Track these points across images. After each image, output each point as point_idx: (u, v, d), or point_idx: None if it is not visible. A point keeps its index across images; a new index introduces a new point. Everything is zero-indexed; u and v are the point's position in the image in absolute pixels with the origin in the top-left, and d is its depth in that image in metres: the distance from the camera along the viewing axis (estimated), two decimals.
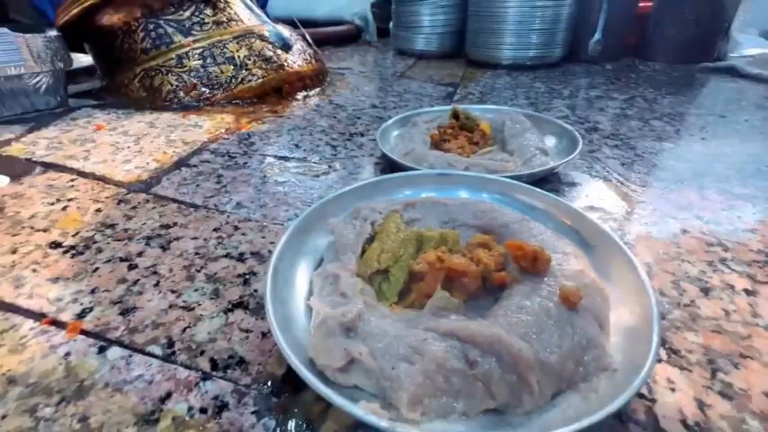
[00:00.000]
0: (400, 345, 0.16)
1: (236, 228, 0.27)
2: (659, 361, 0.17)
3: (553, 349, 0.16)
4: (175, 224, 0.27)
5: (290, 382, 0.17)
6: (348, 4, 1.10)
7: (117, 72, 0.49)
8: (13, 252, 0.24)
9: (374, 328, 0.16)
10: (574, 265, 0.19)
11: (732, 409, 0.15)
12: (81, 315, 0.20)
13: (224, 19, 0.51)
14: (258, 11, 0.54)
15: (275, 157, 0.37)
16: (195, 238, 0.26)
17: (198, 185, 0.32)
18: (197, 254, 0.24)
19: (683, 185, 0.32)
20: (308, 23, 0.98)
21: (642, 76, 0.71)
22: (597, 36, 0.78)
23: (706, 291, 0.21)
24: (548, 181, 0.33)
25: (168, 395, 0.16)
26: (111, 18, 0.48)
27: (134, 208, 0.29)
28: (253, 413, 0.16)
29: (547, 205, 0.25)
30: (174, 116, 0.45)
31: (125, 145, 0.38)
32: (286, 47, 0.53)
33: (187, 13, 0.49)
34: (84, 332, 0.19)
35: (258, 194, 0.31)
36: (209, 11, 0.51)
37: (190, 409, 0.16)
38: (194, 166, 0.35)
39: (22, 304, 0.21)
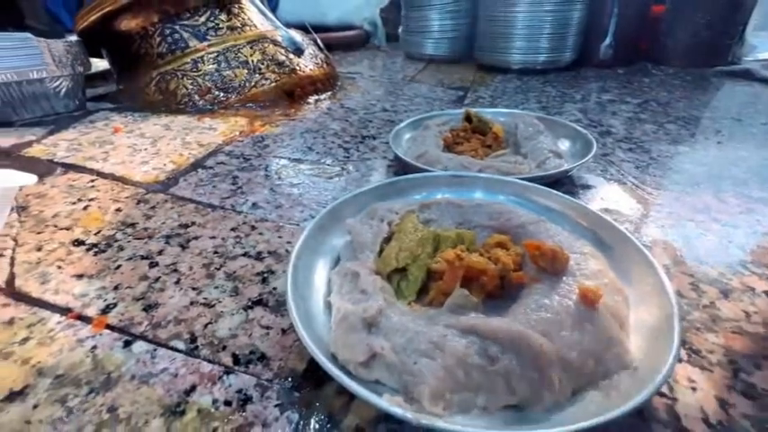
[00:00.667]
0: (421, 340, 0.16)
1: (253, 227, 0.28)
2: (680, 361, 0.18)
3: (574, 346, 0.16)
4: (194, 224, 0.28)
5: (312, 378, 0.17)
6: (358, 9, 1.12)
7: (133, 76, 0.51)
8: (39, 249, 0.25)
9: (395, 324, 0.17)
10: (592, 265, 0.20)
11: (755, 408, 0.16)
12: (105, 310, 0.21)
13: (238, 24, 0.53)
14: (271, 16, 0.56)
15: (289, 159, 0.38)
16: (213, 237, 0.27)
17: (214, 186, 0.33)
18: (216, 252, 0.25)
19: (700, 188, 0.33)
20: (319, 28, 1.00)
21: (655, 80, 0.71)
22: (608, 40, 0.78)
23: (726, 293, 0.22)
24: (562, 184, 0.33)
25: (193, 388, 0.17)
26: (128, 23, 0.49)
27: (153, 208, 0.30)
28: (276, 406, 0.16)
29: (563, 207, 0.25)
30: (189, 119, 0.46)
31: (142, 147, 0.39)
32: (298, 51, 0.54)
33: (202, 19, 0.51)
34: (109, 327, 0.20)
35: (273, 195, 0.32)
36: (223, 16, 0.52)
37: (214, 401, 0.16)
38: (210, 167, 0.36)
39: (49, 299, 0.21)
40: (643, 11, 0.80)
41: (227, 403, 0.16)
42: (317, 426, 0.16)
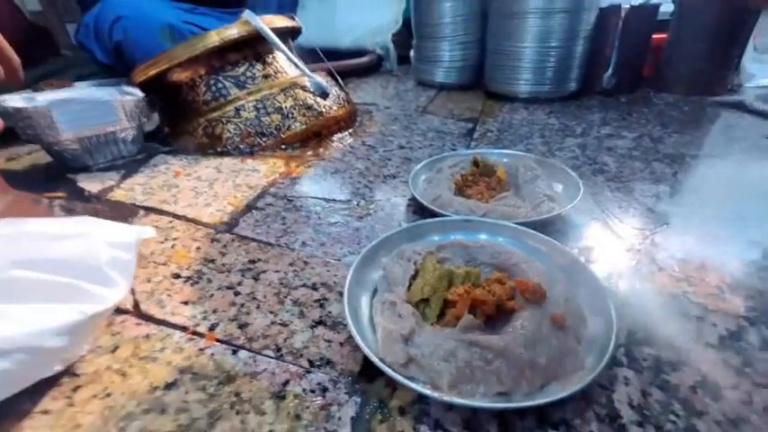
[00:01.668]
0: (441, 350, 0.26)
1: (306, 263, 0.38)
2: (621, 365, 0.27)
3: (543, 354, 0.25)
4: (259, 260, 0.38)
5: (365, 375, 0.27)
6: (371, 34, 1.24)
7: (181, 120, 0.62)
8: (149, 281, 0.35)
9: (423, 339, 0.27)
10: (563, 294, 0.29)
11: (665, 396, 0.25)
12: (211, 328, 0.31)
13: (271, 72, 0.64)
14: (298, 61, 0.67)
15: (325, 200, 0.48)
16: (277, 271, 0.37)
17: (268, 226, 0.43)
18: (281, 284, 0.35)
19: (669, 229, 0.42)
20: (332, 52, 1.12)
21: (654, 110, 0.81)
22: (610, 71, 0.88)
23: (661, 313, 0.31)
24: (554, 223, 0.43)
25: (287, 382, 0.27)
26: (179, 76, 0.60)
27: (225, 246, 0.40)
28: (345, 393, 0.26)
29: (548, 248, 0.35)
30: (234, 161, 0.57)
31: (202, 189, 0.49)
32: (324, 95, 0.65)
33: (241, 70, 0.62)
34: (217, 340, 0.30)
35: (317, 234, 0.42)
36: (259, 66, 0.63)
37: (303, 390, 0.26)
38: (261, 209, 0.46)
39: (169, 320, 0.31)
40: (645, 39, 0.90)
41: (312, 391, 0.26)
42: (373, 406, 0.25)
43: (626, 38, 0.85)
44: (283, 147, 0.61)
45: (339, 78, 0.75)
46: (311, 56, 0.81)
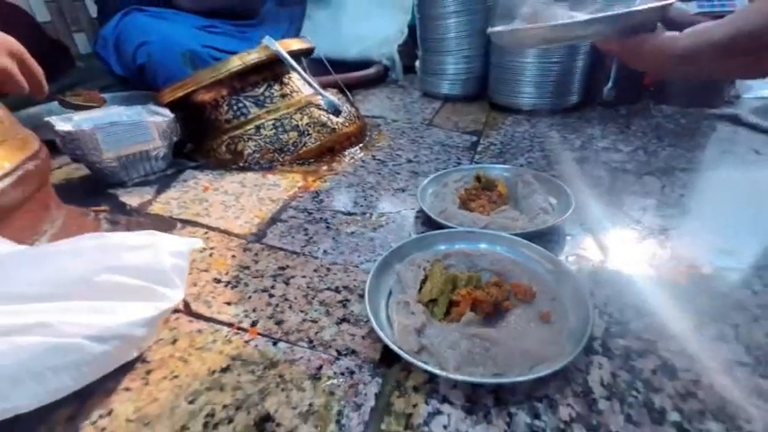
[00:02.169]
0: (447, 340, 0.33)
1: (329, 269, 0.45)
2: (596, 353, 0.34)
3: (531, 343, 0.33)
4: (288, 267, 0.45)
5: (383, 362, 0.34)
6: (376, 45, 1.32)
7: (205, 137, 0.70)
8: (195, 285, 0.43)
9: (433, 332, 0.34)
10: (550, 295, 0.37)
11: (629, 377, 0.32)
12: (253, 324, 0.38)
13: (288, 91, 0.72)
14: (311, 80, 0.75)
15: (342, 212, 0.55)
16: (304, 276, 0.44)
17: (293, 237, 0.50)
18: (308, 287, 0.43)
19: (649, 239, 0.49)
20: (338, 62, 1.20)
21: (652, 123, 0.88)
22: (610, 84, 0.96)
23: (638, 311, 0.38)
24: (548, 233, 0.50)
25: (320, 366, 0.34)
26: (203, 96, 0.69)
27: (256, 254, 0.47)
28: (369, 375, 0.33)
29: (538, 256, 0.42)
30: (256, 176, 0.64)
31: (230, 203, 0.57)
32: (336, 112, 0.73)
33: (261, 90, 0.70)
34: (259, 334, 0.37)
35: (336, 244, 0.49)
36: (277, 86, 0.71)
37: (335, 373, 0.33)
38: (285, 221, 0.54)
39: (216, 317, 0.39)
40: None
41: (342, 374, 0.33)
42: (391, 385, 0.32)
43: None
44: (300, 162, 0.69)
45: (349, 94, 0.83)
46: (319, 66, 0.89)
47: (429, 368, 0.31)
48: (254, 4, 1.30)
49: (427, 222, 0.53)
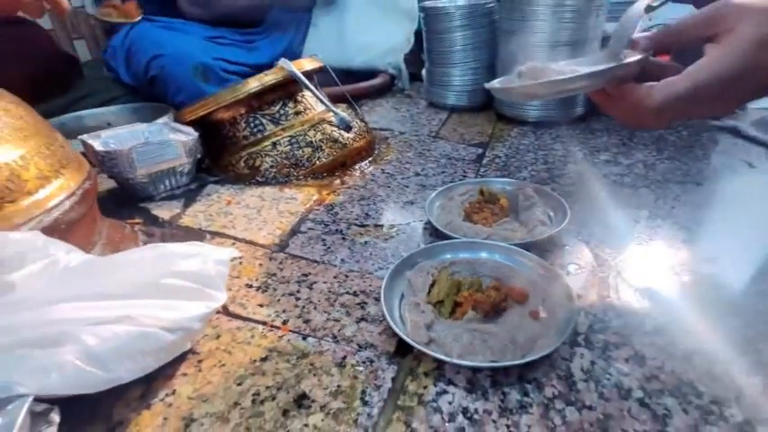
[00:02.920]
0: (452, 334, 0.43)
1: (347, 276, 0.55)
2: (579, 345, 0.44)
3: (522, 336, 0.42)
4: (310, 274, 0.55)
5: (398, 353, 0.44)
6: (382, 55, 1.43)
7: (223, 153, 0.80)
8: (230, 290, 0.53)
9: (440, 327, 0.44)
10: (541, 296, 0.46)
11: (605, 364, 0.41)
12: (284, 322, 0.48)
13: (301, 109, 0.82)
14: (323, 97, 0.85)
15: (356, 224, 0.65)
16: (325, 282, 0.54)
17: (312, 247, 0.60)
18: (329, 291, 0.52)
19: (636, 248, 0.59)
20: (343, 71, 1.31)
21: (654, 133, 0.98)
22: None
23: (618, 312, 0.47)
24: (544, 243, 0.60)
25: (345, 356, 0.44)
26: (222, 115, 0.79)
27: (281, 263, 0.57)
28: (386, 363, 0.43)
29: (533, 263, 0.52)
30: (273, 190, 0.75)
31: (252, 216, 0.67)
32: (347, 128, 0.83)
33: (276, 108, 0.81)
34: (290, 331, 0.47)
35: (352, 253, 0.59)
36: (291, 104, 0.82)
37: (357, 362, 0.43)
38: (304, 232, 0.64)
39: (252, 317, 0.49)
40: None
41: (363, 362, 0.43)
42: (405, 371, 0.42)
43: None
44: (313, 176, 0.79)
45: (357, 109, 0.94)
46: (324, 74, 0.99)
47: (437, 355, 0.40)
48: (259, 12, 1.41)
49: (434, 233, 0.63)
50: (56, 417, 0.33)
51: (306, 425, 0.37)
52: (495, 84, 0.48)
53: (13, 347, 0.33)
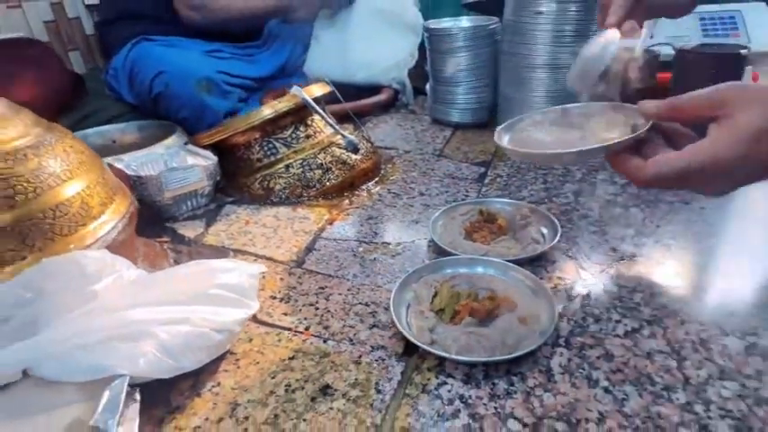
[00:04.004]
0: (452, 336, 0.57)
1: (359, 289, 0.69)
2: (560, 346, 0.57)
3: (512, 339, 0.56)
4: (326, 287, 0.69)
5: (405, 353, 0.58)
6: (386, 70, 1.59)
7: (238, 175, 0.95)
8: None
9: (441, 330, 0.58)
10: (528, 305, 0.60)
11: (580, 361, 0.55)
12: (306, 328, 0.62)
13: (311, 132, 0.98)
14: (332, 121, 1.00)
15: (366, 242, 0.80)
16: (340, 294, 0.68)
17: (327, 263, 0.75)
18: (344, 302, 0.66)
19: (618, 264, 0.73)
20: (346, 86, 1.46)
21: None
22: None
23: (596, 318, 0.61)
24: (537, 259, 0.74)
25: (360, 356, 0.57)
26: (238, 139, 0.94)
27: (299, 277, 0.71)
28: (396, 361, 0.56)
29: (523, 277, 0.66)
30: (287, 210, 0.89)
31: (270, 235, 0.81)
32: (355, 150, 0.98)
33: (289, 132, 0.96)
34: (312, 335, 0.61)
35: (363, 269, 0.73)
36: (302, 128, 0.97)
37: (371, 360, 0.57)
38: (318, 249, 0.78)
39: (278, 324, 0.63)
40: (648, 83, 1.23)
41: (376, 360, 0.57)
42: (412, 367, 0.56)
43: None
44: (324, 196, 0.94)
45: (363, 129, 1.09)
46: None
47: (439, 353, 0.54)
48: (255, 21, 1.49)
49: (437, 250, 0.77)
50: (138, 396, 0.47)
51: (331, 408, 0.51)
52: (505, 143, 0.63)
53: (105, 341, 0.47)
